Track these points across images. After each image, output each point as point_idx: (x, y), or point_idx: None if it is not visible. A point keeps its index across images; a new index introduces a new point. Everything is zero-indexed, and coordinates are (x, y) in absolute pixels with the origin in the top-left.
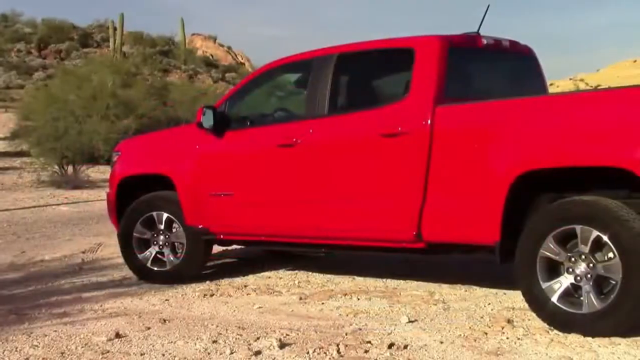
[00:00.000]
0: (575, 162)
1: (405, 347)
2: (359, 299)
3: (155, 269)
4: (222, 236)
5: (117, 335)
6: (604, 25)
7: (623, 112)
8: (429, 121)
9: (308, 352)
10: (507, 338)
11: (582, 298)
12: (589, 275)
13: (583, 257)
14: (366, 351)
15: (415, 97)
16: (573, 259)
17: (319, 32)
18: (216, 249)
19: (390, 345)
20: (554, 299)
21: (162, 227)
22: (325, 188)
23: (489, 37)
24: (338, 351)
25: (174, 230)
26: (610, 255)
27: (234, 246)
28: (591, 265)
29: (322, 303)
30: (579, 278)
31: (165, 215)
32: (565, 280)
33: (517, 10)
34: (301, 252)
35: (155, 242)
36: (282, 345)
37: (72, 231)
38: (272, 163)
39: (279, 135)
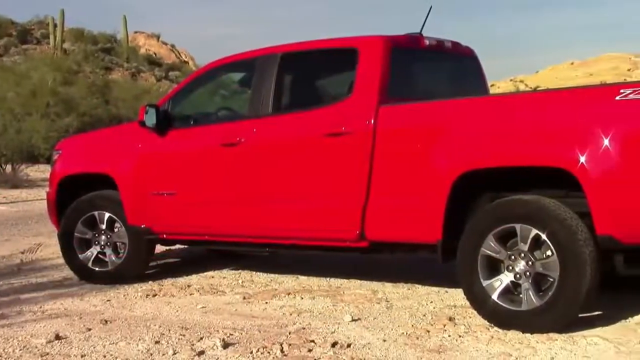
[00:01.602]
0: (515, 162)
1: (349, 345)
2: (302, 298)
3: (97, 269)
4: (164, 236)
5: (57, 337)
6: (543, 28)
7: (561, 113)
8: (372, 121)
9: (252, 352)
10: (449, 336)
11: (521, 295)
12: (528, 273)
13: (522, 255)
14: (310, 350)
15: (358, 97)
16: (513, 257)
17: (267, 31)
18: (159, 248)
19: (334, 344)
20: (495, 296)
21: (103, 226)
22: (269, 187)
23: (432, 38)
24: (282, 350)
25: (115, 230)
26: (549, 253)
27: (177, 246)
28: (530, 263)
29: (266, 302)
30: (518, 276)
31: (107, 215)
32: (505, 278)
33: (458, 12)
34: (245, 251)
35: (96, 242)
36: (226, 345)
37: (11, 231)
38: (215, 162)
39: (223, 134)
